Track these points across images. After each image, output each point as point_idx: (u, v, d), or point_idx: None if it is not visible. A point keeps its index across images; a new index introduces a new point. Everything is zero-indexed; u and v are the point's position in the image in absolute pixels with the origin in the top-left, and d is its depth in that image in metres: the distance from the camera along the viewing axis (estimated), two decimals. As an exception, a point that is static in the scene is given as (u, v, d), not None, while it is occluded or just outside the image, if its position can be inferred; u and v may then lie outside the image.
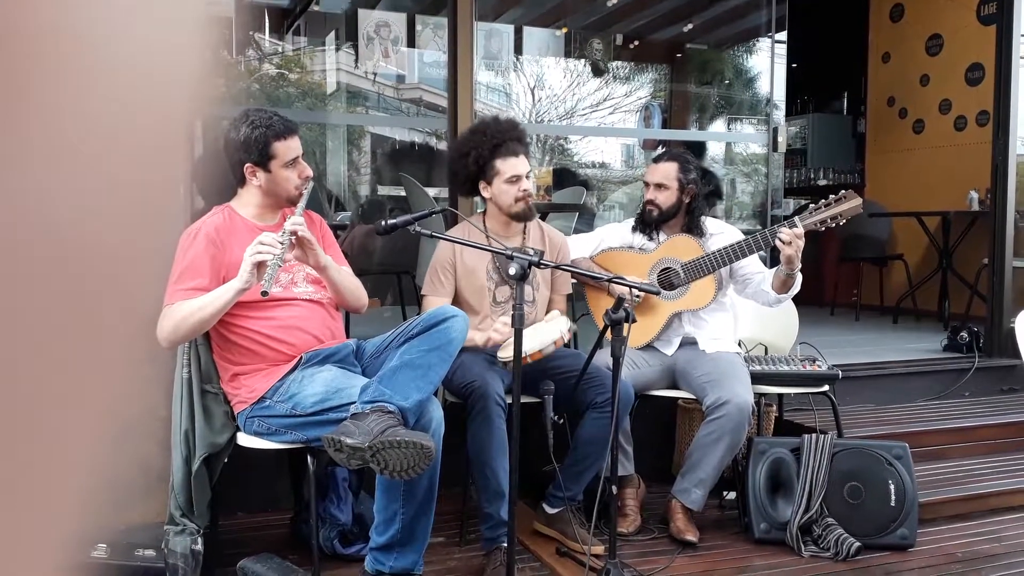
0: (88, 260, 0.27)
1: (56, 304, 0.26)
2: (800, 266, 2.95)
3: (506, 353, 2.69)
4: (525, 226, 3.07)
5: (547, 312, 3.04)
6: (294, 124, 2.57)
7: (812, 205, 3.01)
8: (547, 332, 2.70)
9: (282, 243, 2.32)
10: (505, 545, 2.49)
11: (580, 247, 3.30)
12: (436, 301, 2.94)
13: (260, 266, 2.30)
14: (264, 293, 2.26)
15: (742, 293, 3.21)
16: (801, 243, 2.89)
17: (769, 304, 3.13)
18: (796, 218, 2.97)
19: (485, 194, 3.00)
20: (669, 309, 3.13)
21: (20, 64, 0.24)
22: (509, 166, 2.93)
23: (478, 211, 3.21)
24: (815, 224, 2.97)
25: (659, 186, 3.17)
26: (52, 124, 0.25)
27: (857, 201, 2.97)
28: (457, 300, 2.99)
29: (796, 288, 3.03)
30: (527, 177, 2.97)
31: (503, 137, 2.97)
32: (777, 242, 2.91)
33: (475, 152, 2.97)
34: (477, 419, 2.65)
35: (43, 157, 0.25)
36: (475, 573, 2.71)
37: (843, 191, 3.01)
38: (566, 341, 2.76)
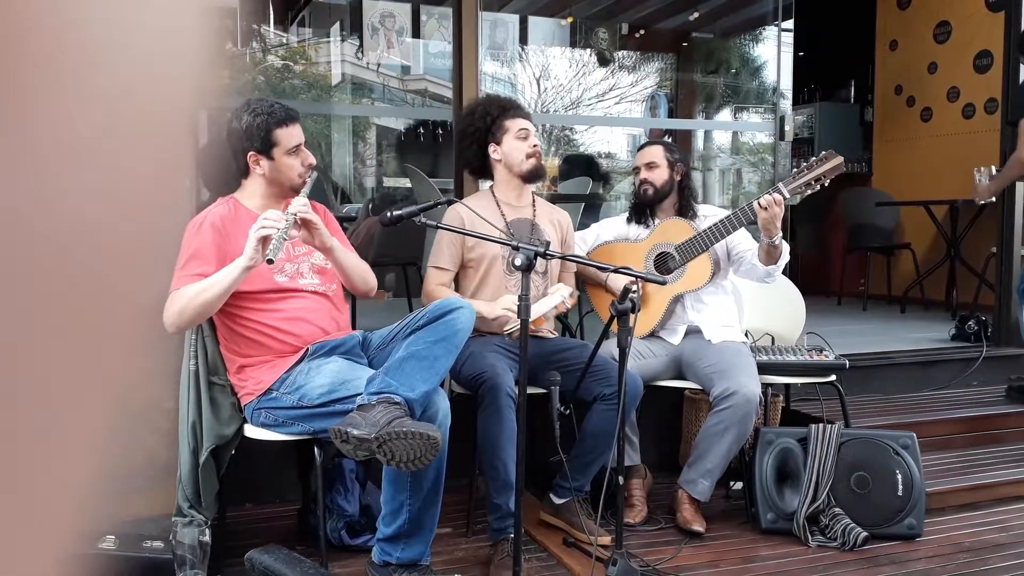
0: (91, 252, 0.27)
1: (59, 296, 0.26)
2: (780, 234, 2.95)
3: (512, 326, 2.72)
4: (534, 199, 3.09)
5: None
6: (295, 112, 2.57)
7: (795, 169, 3.02)
8: (547, 300, 2.73)
9: (287, 220, 2.32)
10: (512, 535, 2.49)
11: (577, 245, 3.31)
12: (438, 275, 2.95)
13: (265, 242, 2.30)
14: (269, 261, 2.25)
15: (738, 272, 3.21)
16: (779, 210, 2.89)
17: (761, 279, 3.12)
18: (780, 183, 2.98)
19: (495, 156, 3.03)
20: (669, 292, 3.13)
21: (22, 56, 0.24)
22: (518, 123, 3.00)
23: (486, 186, 3.22)
24: (800, 188, 2.97)
25: (650, 165, 3.23)
26: (53, 116, 0.25)
27: (838, 160, 2.97)
28: (467, 271, 2.99)
29: (784, 259, 3.02)
30: (535, 136, 3.03)
31: (511, 104, 3.10)
32: (756, 205, 2.91)
33: (483, 109, 3.07)
34: (488, 411, 2.65)
35: (43, 150, 0.25)
36: (482, 564, 2.72)
37: (824, 152, 3.01)
38: (568, 306, 2.78)
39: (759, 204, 2.89)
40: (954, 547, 2.89)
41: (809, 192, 3.00)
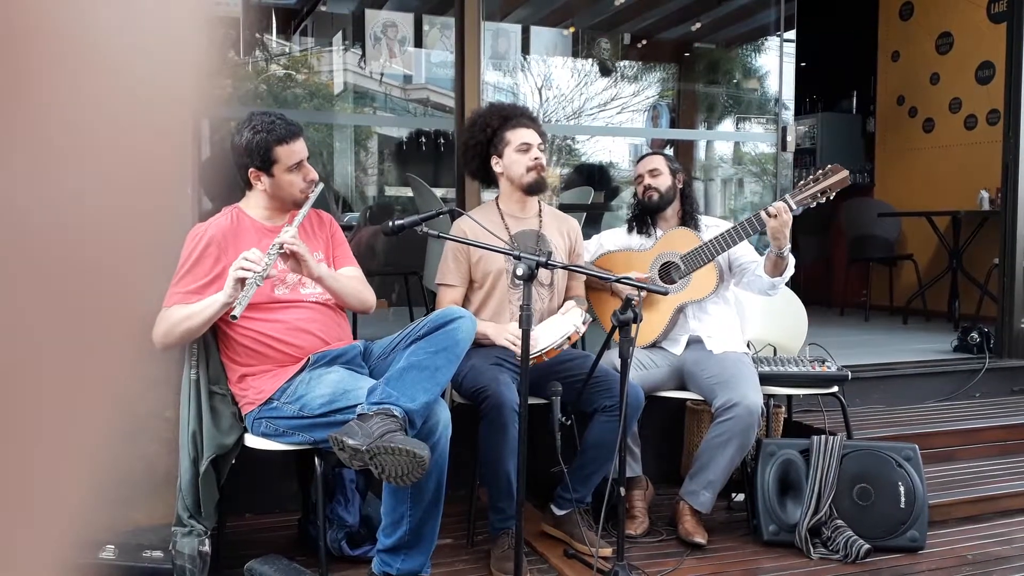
0: (92, 260, 0.27)
1: (60, 305, 0.26)
2: (789, 246, 2.96)
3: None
4: (540, 209, 3.07)
5: (565, 296, 3.05)
6: (298, 127, 2.56)
7: (801, 182, 3.03)
8: (561, 327, 2.69)
9: (267, 261, 2.32)
10: (512, 530, 2.48)
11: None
12: (449, 292, 2.94)
13: (242, 283, 2.30)
14: (233, 317, 2.27)
15: (739, 283, 3.21)
16: (787, 217, 2.91)
17: (764, 291, 3.11)
18: (786, 195, 3.00)
19: (497, 169, 3.01)
20: (673, 302, 3.12)
21: (21, 64, 0.24)
22: (519, 135, 2.97)
23: (491, 197, 3.22)
24: (806, 200, 2.99)
25: (653, 172, 3.24)
26: (54, 124, 0.25)
27: (844, 174, 3.00)
28: (472, 287, 2.98)
29: (789, 271, 3.03)
30: (540, 149, 2.98)
31: (513, 112, 3.05)
32: (763, 214, 2.92)
33: (483, 121, 3.04)
34: (492, 427, 2.64)
35: (45, 158, 0.25)
36: (483, 572, 2.71)
37: (829, 165, 3.03)
38: (581, 334, 2.77)
39: (767, 212, 2.90)
40: (957, 560, 2.87)
41: (814, 204, 3.01)
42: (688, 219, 3.23)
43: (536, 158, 2.96)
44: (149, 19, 0.28)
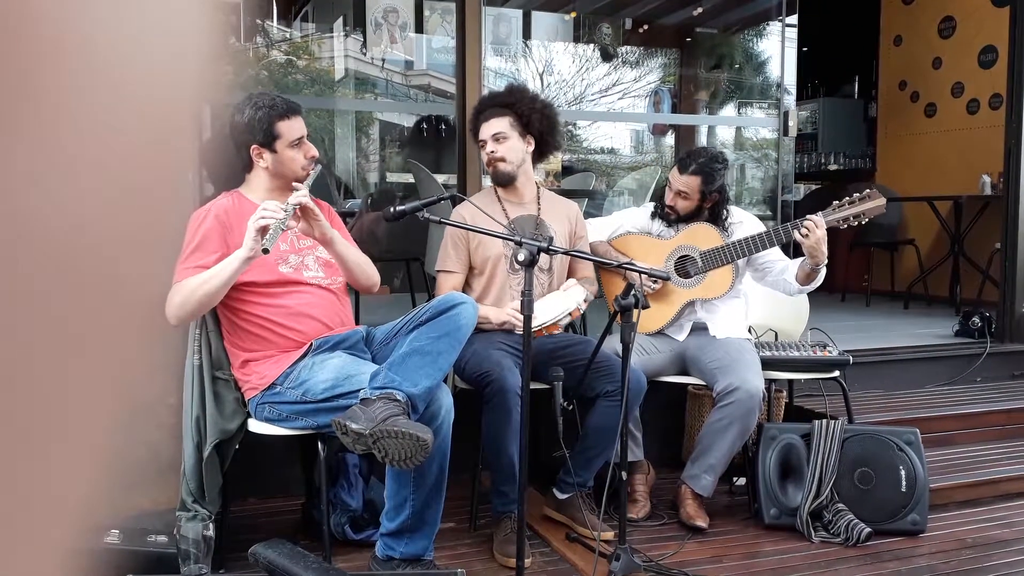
0: (96, 248, 0.27)
1: (64, 292, 0.26)
2: (826, 260, 2.96)
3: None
4: (539, 194, 3.09)
5: (573, 277, 3.06)
6: (297, 105, 2.58)
7: (836, 202, 3.02)
8: (562, 302, 2.70)
9: (285, 210, 2.32)
10: (515, 513, 2.49)
11: (598, 231, 3.30)
12: (449, 278, 2.95)
13: (263, 232, 2.30)
14: (265, 251, 2.26)
15: (762, 281, 3.21)
16: (821, 233, 2.91)
17: (789, 294, 3.15)
18: (819, 213, 2.99)
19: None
20: (684, 297, 3.12)
21: (23, 62, 0.24)
22: (481, 132, 3.00)
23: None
24: (837, 221, 2.99)
25: (680, 193, 3.13)
26: (57, 113, 0.25)
27: (881, 201, 2.99)
28: (472, 274, 2.99)
29: (819, 281, 3.03)
30: (496, 139, 2.95)
31: (485, 105, 3.06)
32: (796, 234, 2.92)
33: (470, 115, 3.11)
34: (496, 410, 2.65)
35: (49, 146, 0.25)
36: (485, 558, 2.72)
37: (868, 190, 3.03)
38: (583, 311, 2.77)
39: (800, 232, 2.91)
40: (957, 543, 2.89)
41: (844, 226, 3.02)
42: (715, 222, 3.15)
43: (490, 152, 2.97)
44: (150, 7, 0.28)
